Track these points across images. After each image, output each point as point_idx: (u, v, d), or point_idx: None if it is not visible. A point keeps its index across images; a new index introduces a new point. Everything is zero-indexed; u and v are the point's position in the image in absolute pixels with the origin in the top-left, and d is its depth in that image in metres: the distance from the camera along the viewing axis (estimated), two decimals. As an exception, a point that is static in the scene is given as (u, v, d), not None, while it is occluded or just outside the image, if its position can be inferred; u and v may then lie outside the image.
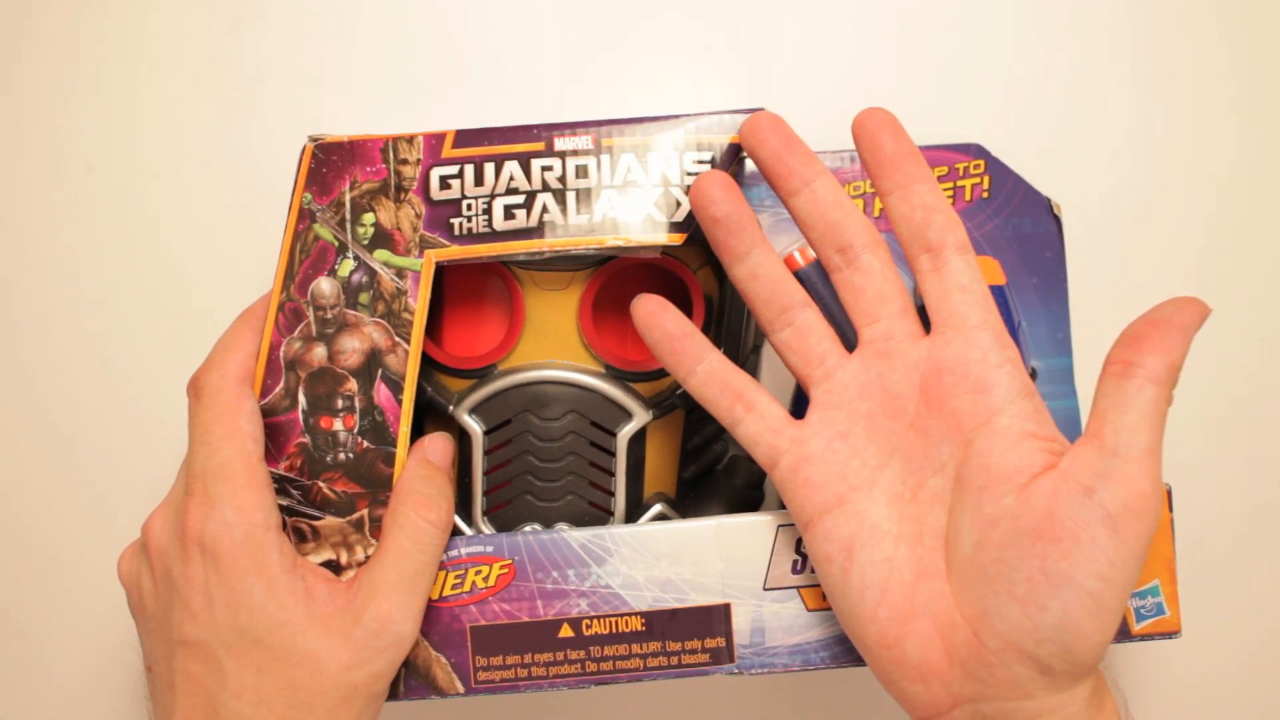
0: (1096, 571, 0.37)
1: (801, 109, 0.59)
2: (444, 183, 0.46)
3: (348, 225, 0.46)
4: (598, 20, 0.60)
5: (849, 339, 0.45)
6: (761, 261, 0.43)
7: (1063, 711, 0.39)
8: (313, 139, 0.46)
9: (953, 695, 0.40)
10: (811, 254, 0.55)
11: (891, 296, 0.43)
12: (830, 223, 0.43)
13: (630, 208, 0.45)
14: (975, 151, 0.55)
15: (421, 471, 0.45)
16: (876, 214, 0.56)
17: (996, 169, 0.55)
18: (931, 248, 0.42)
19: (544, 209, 0.46)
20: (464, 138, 0.46)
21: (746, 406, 0.44)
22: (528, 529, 0.48)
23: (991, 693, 0.39)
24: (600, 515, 0.49)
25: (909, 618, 0.41)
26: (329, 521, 0.45)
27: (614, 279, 0.52)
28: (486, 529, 0.48)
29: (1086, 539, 0.37)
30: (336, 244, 0.46)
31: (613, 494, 0.49)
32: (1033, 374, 0.54)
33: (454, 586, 0.45)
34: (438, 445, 0.47)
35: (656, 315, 0.44)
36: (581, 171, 0.46)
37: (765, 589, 0.46)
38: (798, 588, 0.46)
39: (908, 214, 0.42)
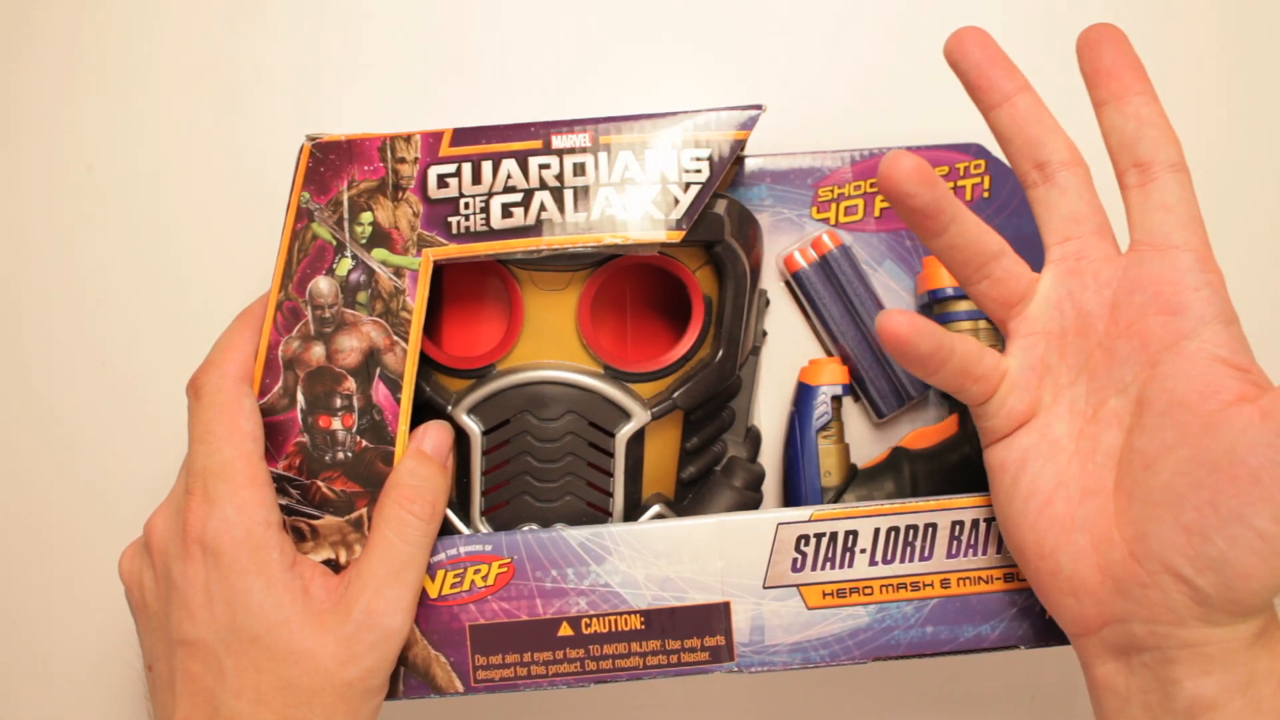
0: (1273, 514, 0.36)
1: (800, 108, 0.60)
2: (441, 181, 0.46)
3: (345, 224, 0.46)
4: (596, 19, 0.60)
5: (858, 337, 0.44)
6: (959, 231, 0.42)
7: (1220, 645, 0.38)
8: (310, 138, 0.46)
9: (1104, 613, 0.40)
10: (812, 254, 0.55)
11: (1086, 216, 0.42)
12: (1028, 137, 0.42)
13: (628, 205, 0.45)
14: (975, 151, 0.55)
15: (410, 464, 0.45)
16: (876, 214, 0.56)
17: (997, 169, 0.55)
18: (1140, 162, 0.41)
19: (542, 207, 0.45)
20: (461, 136, 0.46)
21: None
22: (526, 529, 0.48)
23: (1143, 614, 0.39)
24: (598, 516, 0.48)
25: (1068, 530, 0.41)
26: (328, 521, 0.45)
27: (613, 280, 0.52)
28: (484, 529, 0.48)
29: (1269, 481, 0.36)
30: (334, 243, 0.46)
31: (611, 495, 0.49)
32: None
33: (453, 585, 0.45)
34: (433, 435, 0.47)
35: (905, 336, 0.41)
36: (579, 169, 0.46)
37: (765, 587, 0.46)
38: (797, 586, 0.46)
39: (1119, 125, 0.41)
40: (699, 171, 0.46)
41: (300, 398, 0.46)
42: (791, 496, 0.55)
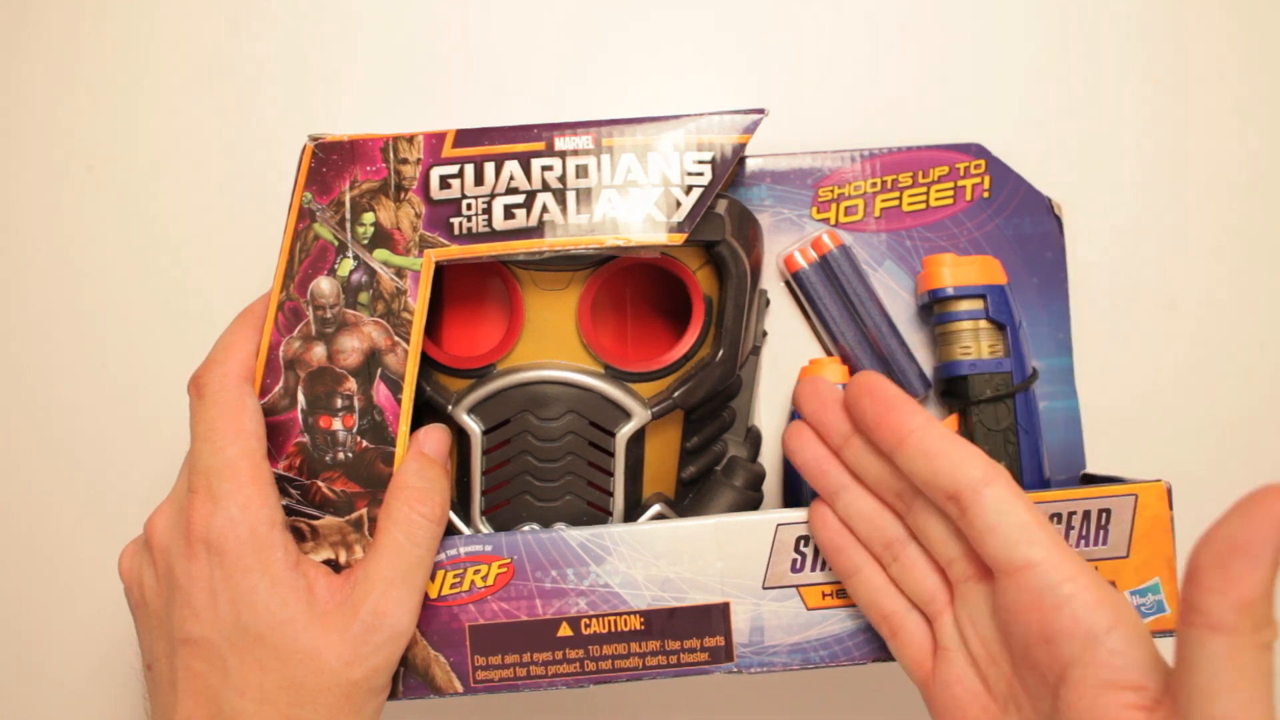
0: None
1: (802, 109, 0.60)
2: (444, 182, 0.46)
3: (347, 224, 0.46)
4: (598, 20, 0.60)
5: (858, 337, 0.44)
6: (853, 501, 0.44)
7: None
8: (313, 138, 0.46)
9: None
10: (812, 254, 0.55)
11: (957, 557, 0.42)
12: (924, 481, 0.42)
13: (630, 208, 0.45)
14: (976, 151, 0.56)
15: (415, 466, 0.45)
16: (877, 214, 0.56)
17: (997, 169, 0.55)
18: (950, 494, 0.40)
19: (544, 209, 0.46)
20: (464, 137, 0.46)
21: (892, 630, 0.44)
22: (526, 529, 0.48)
23: None
24: (598, 515, 0.48)
25: None
26: (328, 521, 0.45)
27: (613, 279, 0.52)
28: (485, 529, 0.48)
29: None
30: (336, 243, 0.46)
31: (611, 494, 0.49)
32: (1033, 374, 0.54)
33: (453, 585, 0.45)
34: (433, 438, 0.47)
35: (815, 526, 0.45)
36: (582, 171, 0.46)
37: (764, 588, 0.46)
38: (797, 586, 0.46)
39: (913, 468, 0.41)
40: (701, 175, 0.46)
41: (301, 398, 0.46)
42: (792, 496, 0.55)
